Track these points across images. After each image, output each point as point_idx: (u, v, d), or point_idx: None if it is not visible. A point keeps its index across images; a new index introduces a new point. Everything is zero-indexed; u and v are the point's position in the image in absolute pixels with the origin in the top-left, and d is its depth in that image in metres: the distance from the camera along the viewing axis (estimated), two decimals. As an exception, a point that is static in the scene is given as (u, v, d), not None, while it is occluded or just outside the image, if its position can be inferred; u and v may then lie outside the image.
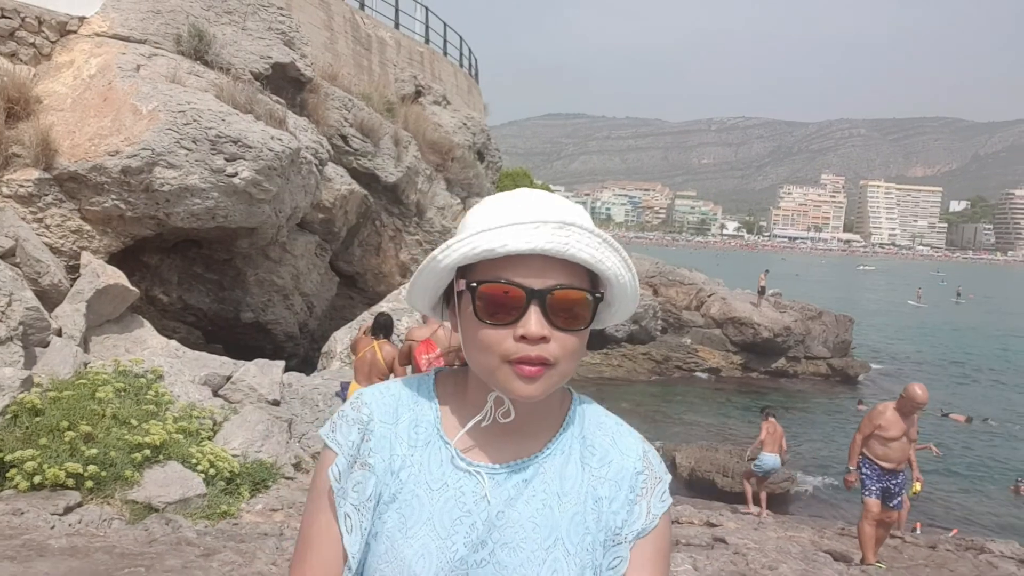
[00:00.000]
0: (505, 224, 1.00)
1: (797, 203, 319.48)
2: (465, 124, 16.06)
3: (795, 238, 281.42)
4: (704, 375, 22.79)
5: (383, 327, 6.74)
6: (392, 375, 6.70)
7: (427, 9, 18.72)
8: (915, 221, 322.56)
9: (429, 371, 1.18)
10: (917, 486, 6.73)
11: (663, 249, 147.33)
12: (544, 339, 1.00)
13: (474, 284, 1.02)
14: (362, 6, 14.88)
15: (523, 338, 1.00)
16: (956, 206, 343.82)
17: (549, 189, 31.73)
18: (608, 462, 1.13)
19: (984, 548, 8.29)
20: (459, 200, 15.13)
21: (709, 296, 26.25)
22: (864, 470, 6.36)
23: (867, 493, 6.35)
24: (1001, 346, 39.40)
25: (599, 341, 20.62)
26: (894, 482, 6.33)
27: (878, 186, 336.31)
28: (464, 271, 1.05)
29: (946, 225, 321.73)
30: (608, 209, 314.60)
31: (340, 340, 9.82)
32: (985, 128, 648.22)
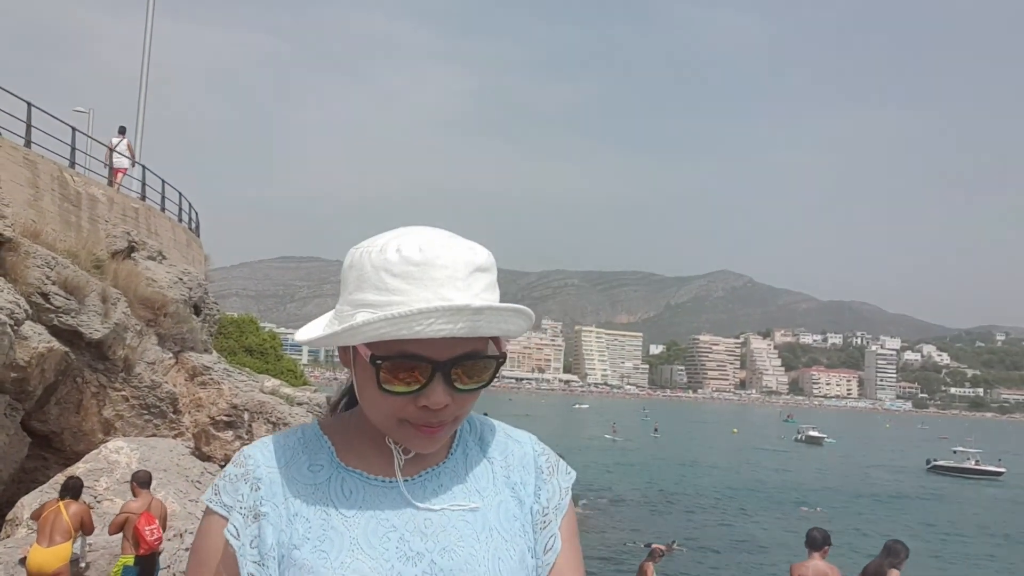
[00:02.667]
0: (421, 312, 0.95)
1: (522, 346, 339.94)
2: (181, 279, 16.28)
3: (521, 379, 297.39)
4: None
5: (72, 489, 6.98)
6: (79, 534, 6.91)
7: (144, 167, 19.03)
8: (623, 363, 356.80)
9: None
10: None
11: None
12: (446, 406, 1.01)
13: (379, 360, 0.99)
14: (72, 164, 14.96)
15: (425, 407, 1.00)
16: (655, 349, 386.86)
17: (275, 335, 31.64)
18: (509, 452, 1.16)
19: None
20: (171, 354, 15.12)
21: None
22: None
23: None
24: (689, 474, 44.90)
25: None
26: None
27: (590, 331, 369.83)
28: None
29: (647, 366, 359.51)
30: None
31: (28, 506, 9.42)
32: (674, 282, 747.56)
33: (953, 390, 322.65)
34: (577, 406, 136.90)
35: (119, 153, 17.97)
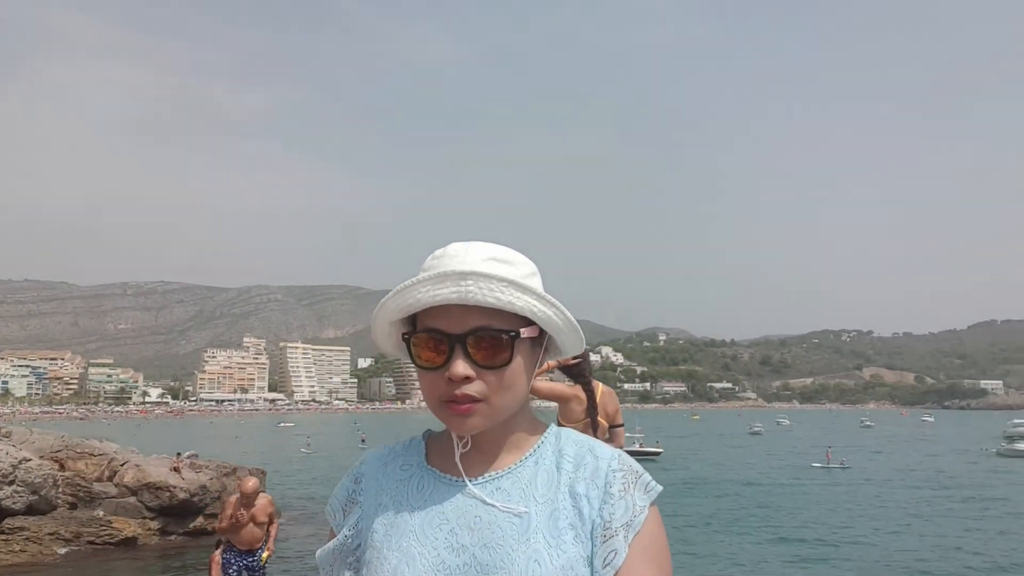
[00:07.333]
0: (416, 281, 1.14)
1: (222, 366, 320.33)
2: None
3: (223, 401, 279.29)
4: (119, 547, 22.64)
5: None
6: None
7: None
8: (331, 378, 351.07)
9: None
10: (266, 555, 8.78)
11: (78, 423, 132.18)
12: (468, 379, 1.13)
13: (406, 336, 1.18)
14: None
15: (450, 380, 1.13)
16: (363, 363, 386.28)
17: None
18: (583, 464, 1.18)
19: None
20: None
21: (123, 465, 26.22)
22: (226, 554, 8.72)
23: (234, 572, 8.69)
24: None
25: None
26: (251, 560, 8.80)
27: (296, 347, 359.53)
28: (412, 317, 1.19)
29: (356, 380, 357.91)
30: (6, 383, 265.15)
31: None
32: (381, 295, 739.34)
33: (627, 385, 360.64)
34: (282, 424, 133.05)
35: None
